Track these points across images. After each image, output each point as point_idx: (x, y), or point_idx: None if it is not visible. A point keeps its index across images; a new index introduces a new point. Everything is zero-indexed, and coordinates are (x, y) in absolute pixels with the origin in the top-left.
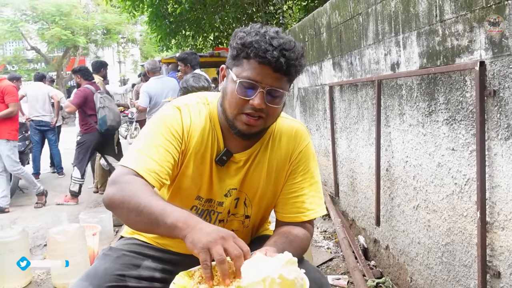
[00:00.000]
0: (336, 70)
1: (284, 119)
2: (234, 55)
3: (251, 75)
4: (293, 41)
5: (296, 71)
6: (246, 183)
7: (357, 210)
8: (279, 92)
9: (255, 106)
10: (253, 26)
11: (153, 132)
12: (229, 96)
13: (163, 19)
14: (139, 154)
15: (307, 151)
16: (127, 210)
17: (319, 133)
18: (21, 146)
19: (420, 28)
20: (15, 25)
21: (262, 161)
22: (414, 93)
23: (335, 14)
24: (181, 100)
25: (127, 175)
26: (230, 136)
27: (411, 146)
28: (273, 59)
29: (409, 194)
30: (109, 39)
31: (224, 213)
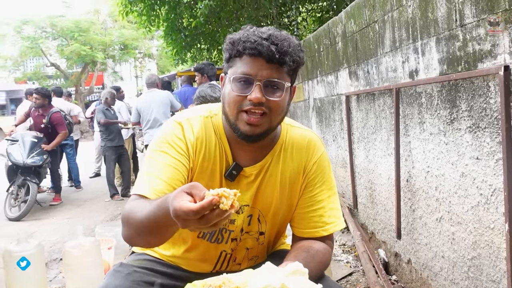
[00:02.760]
0: (353, 79)
1: (295, 128)
2: (227, 58)
3: (244, 70)
4: (285, 33)
5: (293, 60)
6: (259, 199)
7: (376, 223)
8: (277, 83)
9: (253, 100)
10: (243, 27)
11: (157, 152)
12: (227, 97)
13: (179, 33)
14: (147, 177)
15: (322, 161)
16: (145, 238)
17: (336, 144)
18: (39, 160)
19: (439, 33)
20: (35, 42)
21: (274, 174)
22: (434, 100)
23: (351, 23)
24: (182, 115)
25: (133, 207)
26: (238, 148)
27: (433, 155)
28: (264, 48)
29: (431, 206)
30: (126, 54)
31: (236, 231)
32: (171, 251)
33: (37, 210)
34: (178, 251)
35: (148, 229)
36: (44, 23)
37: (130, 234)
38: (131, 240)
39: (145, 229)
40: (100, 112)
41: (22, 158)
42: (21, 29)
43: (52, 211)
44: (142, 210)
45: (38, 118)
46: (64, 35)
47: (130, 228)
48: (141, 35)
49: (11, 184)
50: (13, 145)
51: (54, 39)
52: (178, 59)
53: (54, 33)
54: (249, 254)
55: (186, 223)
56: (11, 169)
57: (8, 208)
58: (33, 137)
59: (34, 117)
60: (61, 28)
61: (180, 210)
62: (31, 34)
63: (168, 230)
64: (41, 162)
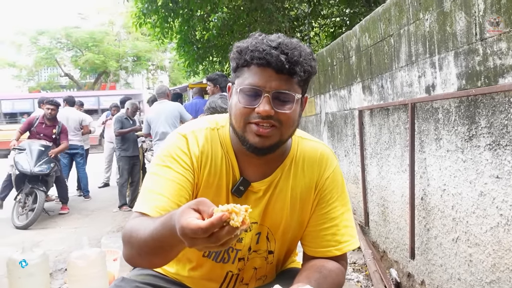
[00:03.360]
0: (366, 94)
1: (306, 141)
2: (234, 67)
3: (252, 81)
4: (296, 41)
5: (304, 70)
6: (268, 216)
7: (388, 241)
8: (287, 94)
9: (261, 113)
10: (251, 34)
11: (160, 167)
12: (233, 109)
13: (191, 45)
14: (149, 194)
15: (335, 176)
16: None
17: (348, 159)
18: (46, 168)
19: (457, 48)
20: (50, 53)
21: (284, 189)
22: (452, 116)
23: (365, 37)
24: (187, 127)
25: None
26: (246, 162)
27: (449, 173)
28: (273, 58)
29: (447, 225)
30: (139, 66)
31: (244, 250)
32: (176, 269)
33: (45, 218)
34: (183, 270)
35: (151, 249)
36: (59, 34)
37: (131, 254)
38: (132, 260)
39: (148, 249)
40: (119, 122)
41: (30, 167)
42: (37, 40)
43: (59, 220)
44: (145, 229)
45: (47, 129)
46: (79, 46)
47: (132, 247)
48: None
49: (19, 193)
50: (20, 154)
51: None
52: (190, 71)
53: (68, 44)
54: (257, 273)
55: (194, 241)
56: (19, 177)
57: (15, 217)
58: (41, 146)
59: (41, 129)
60: (76, 39)
61: (188, 227)
62: (47, 44)
63: (173, 250)
64: (49, 171)
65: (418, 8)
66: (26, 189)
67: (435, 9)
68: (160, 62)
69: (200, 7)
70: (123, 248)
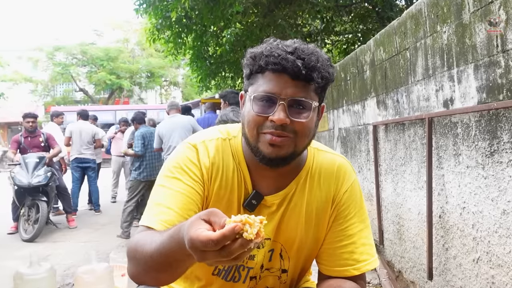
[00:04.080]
0: (381, 109)
1: (323, 152)
2: (247, 74)
3: (267, 87)
4: (313, 46)
5: (321, 76)
6: (282, 232)
7: (404, 261)
8: (304, 102)
9: (275, 122)
10: (265, 40)
11: (168, 178)
12: (246, 117)
13: (204, 61)
14: (156, 207)
15: (353, 190)
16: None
17: (362, 176)
18: (44, 178)
19: (477, 60)
20: (66, 68)
21: (299, 204)
22: (471, 131)
23: (380, 51)
24: (197, 136)
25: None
26: (259, 174)
27: (469, 190)
28: (289, 63)
29: (467, 245)
30: (152, 82)
31: (256, 268)
32: (183, 287)
33: (54, 232)
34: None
35: (158, 264)
36: (75, 50)
37: (137, 271)
38: (137, 277)
39: (154, 264)
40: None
41: (27, 179)
42: (53, 55)
43: (69, 233)
44: (151, 243)
45: (33, 140)
46: (94, 62)
47: (138, 263)
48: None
49: (21, 207)
50: (16, 169)
51: (84, 66)
52: (203, 86)
53: (84, 60)
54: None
55: (204, 255)
56: (19, 192)
57: (22, 230)
58: (35, 157)
59: (29, 142)
60: (91, 55)
61: (197, 239)
62: (63, 60)
63: (181, 265)
64: (47, 181)
65: (436, 21)
66: (27, 202)
67: (453, 21)
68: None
69: (213, 23)
70: (128, 264)
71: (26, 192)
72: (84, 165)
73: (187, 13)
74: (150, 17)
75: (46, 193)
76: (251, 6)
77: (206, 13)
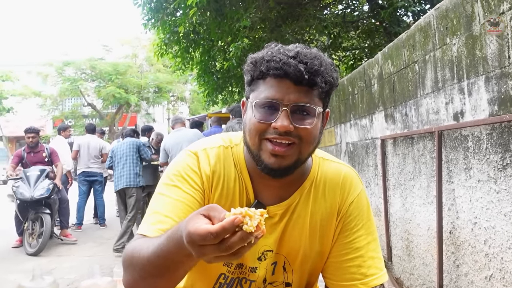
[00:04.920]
0: (389, 123)
1: (329, 162)
2: (248, 80)
3: (269, 94)
4: (316, 50)
5: (325, 81)
6: (285, 243)
7: (413, 278)
8: (307, 108)
9: (279, 128)
10: (267, 45)
11: (168, 186)
12: (248, 125)
13: (211, 75)
14: (155, 216)
15: (360, 201)
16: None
17: (370, 191)
18: (46, 191)
19: (488, 72)
20: (74, 83)
21: (302, 215)
22: (483, 144)
23: (388, 64)
24: (199, 144)
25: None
26: (261, 184)
27: (481, 205)
28: (291, 68)
29: (479, 262)
30: (160, 97)
31: (258, 282)
32: None
33: (59, 246)
34: None
35: (156, 268)
36: (84, 65)
37: (133, 278)
38: (134, 286)
39: (152, 268)
40: None
41: (29, 193)
42: (62, 70)
43: (73, 247)
44: (148, 247)
45: (36, 156)
46: (102, 77)
47: (134, 270)
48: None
49: (25, 221)
50: (17, 183)
51: (93, 81)
52: (209, 100)
53: (93, 75)
54: None
55: (203, 250)
56: (21, 206)
57: (27, 244)
58: (37, 171)
59: (31, 158)
60: (100, 70)
61: (196, 233)
62: (72, 75)
63: (179, 267)
64: (49, 193)
65: (445, 33)
66: (31, 215)
67: (463, 33)
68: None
69: (221, 37)
70: (124, 274)
71: (28, 205)
72: (91, 178)
73: (195, 28)
74: (158, 32)
75: (49, 206)
76: (258, 21)
77: (213, 28)
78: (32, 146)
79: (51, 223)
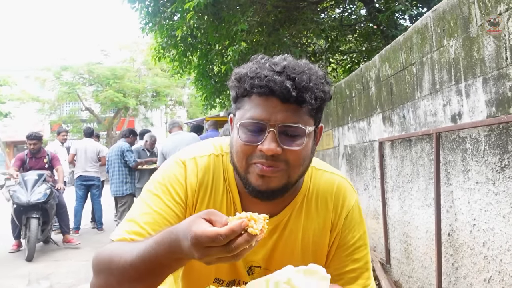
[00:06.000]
0: (387, 125)
1: (321, 172)
2: (233, 97)
3: (254, 113)
4: (305, 62)
5: (315, 97)
6: (275, 260)
7: (412, 281)
8: (296, 128)
9: (265, 152)
10: (253, 57)
11: (151, 194)
12: (234, 147)
13: (209, 79)
14: (131, 224)
15: (354, 214)
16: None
17: (368, 193)
18: (43, 196)
19: (486, 73)
20: (72, 88)
21: (294, 231)
22: (481, 146)
23: (385, 67)
24: (189, 152)
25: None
26: (250, 198)
27: (479, 207)
28: (277, 85)
29: (478, 264)
30: (158, 101)
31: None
32: None
33: (56, 250)
34: None
35: (139, 273)
36: (82, 70)
37: (106, 284)
38: None
39: (134, 273)
40: (135, 152)
41: (26, 197)
42: (60, 75)
43: (71, 252)
44: (132, 251)
45: (38, 162)
46: (100, 82)
47: (111, 274)
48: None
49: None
50: (15, 187)
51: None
52: (207, 104)
53: (90, 80)
54: None
55: (208, 251)
56: (18, 210)
57: (26, 249)
58: (35, 175)
59: (33, 163)
60: (98, 75)
61: (204, 235)
62: (69, 79)
63: (165, 271)
64: (46, 198)
65: (442, 35)
66: (23, 220)
67: (460, 34)
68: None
69: (218, 41)
70: (94, 279)
71: (22, 210)
72: (88, 182)
73: (192, 31)
74: (156, 36)
75: (45, 211)
76: (256, 24)
77: (211, 31)
78: (34, 152)
79: (37, 227)
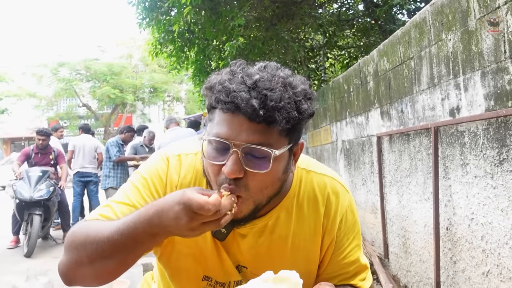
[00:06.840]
0: (385, 120)
1: (312, 174)
2: (207, 106)
3: (220, 130)
4: (284, 75)
5: (288, 118)
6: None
7: (410, 275)
8: (262, 151)
9: (226, 174)
10: (231, 63)
11: (131, 184)
12: (204, 162)
13: (206, 75)
14: (107, 209)
15: (348, 216)
16: (101, 266)
17: (366, 188)
18: (46, 193)
19: (484, 67)
20: (69, 84)
21: (284, 235)
22: (479, 140)
23: (383, 61)
24: (176, 148)
25: (92, 225)
26: None
27: (478, 201)
28: (243, 102)
29: (476, 258)
30: (155, 97)
31: None
32: None
33: (54, 247)
34: None
35: (113, 247)
36: (79, 66)
37: (77, 261)
38: (75, 269)
39: (108, 247)
40: (133, 149)
41: (29, 193)
42: (57, 71)
43: None
44: (111, 226)
45: (44, 158)
46: (97, 78)
47: (84, 251)
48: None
49: (22, 223)
50: (18, 182)
51: (88, 81)
52: (205, 100)
53: (88, 76)
54: None
55: (196, 216)
56: (20, 206)
57: (25, 245)
58: (39, 171)
59: (39, 159)
60: (95, 71)
61: (194, 200)
62: (66, 76)
63: (138, 247)
64: (49, 195)
65: (440, 29)
66: (25, 216)
67: (458, 28)
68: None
69: (216, 36)
70: (64, 255)
71: (25, 206)
72: (86, 179)
73: (190, 27)
74: (153, 31)
75: (47, 208)
76: (253, 20)
77: (208, 26)
78: (42, 148)
79: (39, 224)
